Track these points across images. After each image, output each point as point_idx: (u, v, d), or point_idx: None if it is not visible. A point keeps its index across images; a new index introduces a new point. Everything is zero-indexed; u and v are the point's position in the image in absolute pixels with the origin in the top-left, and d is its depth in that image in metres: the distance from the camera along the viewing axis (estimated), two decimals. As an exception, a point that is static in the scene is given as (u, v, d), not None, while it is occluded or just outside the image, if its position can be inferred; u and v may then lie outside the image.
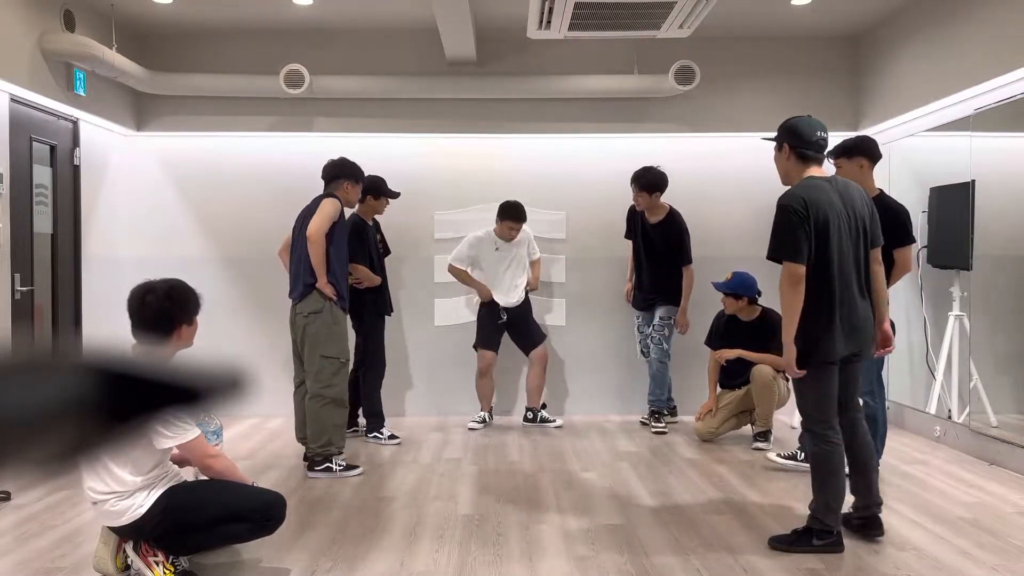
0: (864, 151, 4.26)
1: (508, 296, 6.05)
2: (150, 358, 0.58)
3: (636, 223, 6.16)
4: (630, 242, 6.27)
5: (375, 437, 5.58)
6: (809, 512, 3.50)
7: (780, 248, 3.35)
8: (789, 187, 3.48)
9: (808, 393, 3.46)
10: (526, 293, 6.11)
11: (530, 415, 6.17)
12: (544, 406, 6.23)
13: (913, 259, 4.31)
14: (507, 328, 6.09)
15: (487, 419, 6.14)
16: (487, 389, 6.13)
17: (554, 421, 6.15)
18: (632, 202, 6.08)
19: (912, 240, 4.24)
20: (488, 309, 6.08)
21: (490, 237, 6.06)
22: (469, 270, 6.12)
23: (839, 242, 3.34)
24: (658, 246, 6.02)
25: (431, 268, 6.62)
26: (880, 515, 3.59)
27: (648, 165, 5.96)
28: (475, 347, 6.12)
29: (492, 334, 6.08)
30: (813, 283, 3.33)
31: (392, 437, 5.60)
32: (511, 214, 5.96)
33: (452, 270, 6.12)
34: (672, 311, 5.99)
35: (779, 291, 3.39)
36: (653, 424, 5.97)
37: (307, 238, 4.60)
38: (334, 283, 4.70)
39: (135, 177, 6.53)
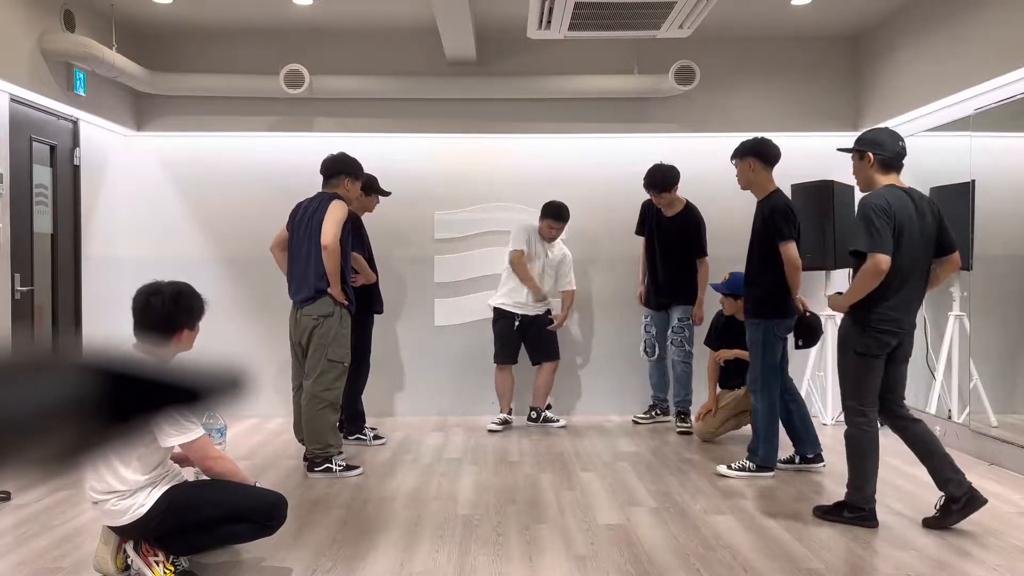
0: (754, 151, 4.61)
1: (527, 303, 6.01)
2: (150, 358, 0.58)
3: (650, 218, 6.14)
4: (640, 241, 6.25)
5: (357, 438, 5.51)
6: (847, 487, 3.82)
7: (872, 241, 3.52)
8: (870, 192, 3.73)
9: (850, 373, 3.75)
10: (548, 310, 6.08)
11: (534, 414, 6.18)
12: (549, 406, 6.24)
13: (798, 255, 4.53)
14: (521, 337, 6.06)
15: (508, 420, 6.07)
16: (503, 387, 6.06)
17: (557, 421, 6.15)
18: (645, 199, 6.11)
19: (792, 237, 4.48)
20: (506, 321, 6.03)
21: (537, 231, 6.02)
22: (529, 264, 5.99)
23: (910, 248, 3.58)
24: (674, 240, 6.02)
25: (431, 268, 6.62)
26: (971, 486, 3.65)
27: (655, 164, 5.97)
28: (495, 361, 6.09)
29: (509, 347, 6.03)
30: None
31: (377, 437, 5.57)
32: (551, 212, 5.94)
33: (515, 258, 5.96)
34: (688, 311, 6.02)
35: (858, 277, 3.58)
36: (679, 424, 5.97)
37: (323, 248, 4.55)
38: (344, 288, 4.70)
39: (135, 177, 6.53)
